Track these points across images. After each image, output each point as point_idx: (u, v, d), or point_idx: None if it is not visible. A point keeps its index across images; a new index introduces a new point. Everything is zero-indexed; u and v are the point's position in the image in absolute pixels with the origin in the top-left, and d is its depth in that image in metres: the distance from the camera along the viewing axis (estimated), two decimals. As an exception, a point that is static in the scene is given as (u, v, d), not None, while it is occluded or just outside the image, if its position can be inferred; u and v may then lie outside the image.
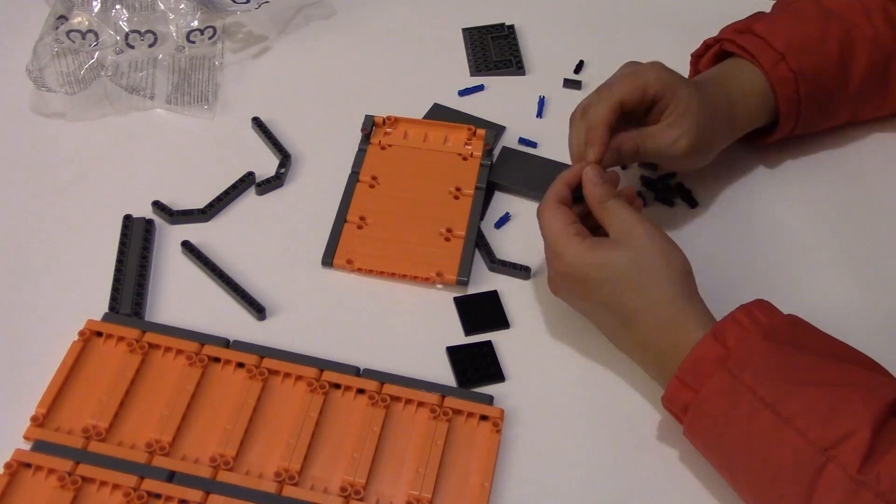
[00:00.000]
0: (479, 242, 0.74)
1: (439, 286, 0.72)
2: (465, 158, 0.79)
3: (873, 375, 0.56)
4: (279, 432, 0.63)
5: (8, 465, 0.60)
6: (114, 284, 0.70)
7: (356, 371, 0.66)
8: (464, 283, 0.71)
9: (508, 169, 0.80)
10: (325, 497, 0.60)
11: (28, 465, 0.60)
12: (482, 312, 0.71)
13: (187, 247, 0.73)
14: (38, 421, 0.62)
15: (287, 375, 0.66)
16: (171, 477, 0.60)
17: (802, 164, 0.82)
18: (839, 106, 0.79)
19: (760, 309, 0.60)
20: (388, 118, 0.80)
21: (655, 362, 0.63)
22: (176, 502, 0.59)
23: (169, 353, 0.66)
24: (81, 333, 0.66)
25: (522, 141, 0.83)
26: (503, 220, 0.77)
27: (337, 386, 0.65)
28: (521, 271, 0.73)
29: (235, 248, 0.74)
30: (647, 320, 0.62)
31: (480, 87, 0.87)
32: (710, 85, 0.74)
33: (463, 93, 0.86)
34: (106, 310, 0.69)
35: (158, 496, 0.59)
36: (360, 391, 0.65)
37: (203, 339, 0.67)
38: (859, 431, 0.52)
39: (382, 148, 0.79)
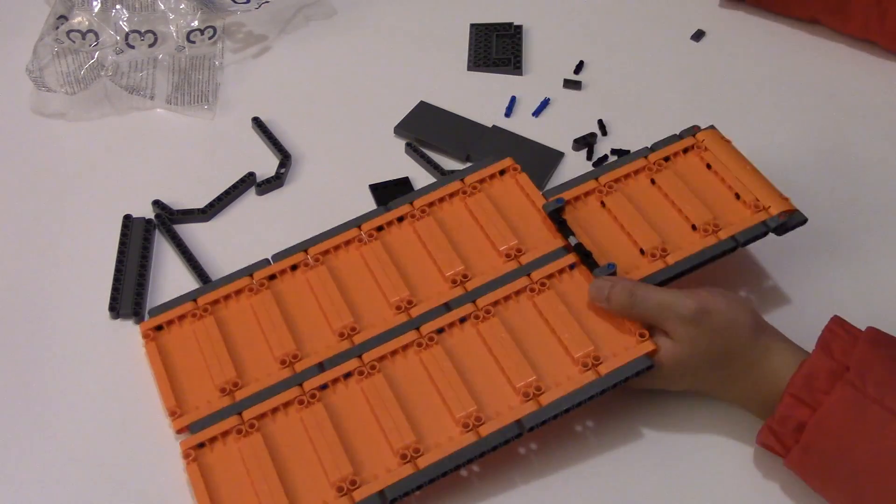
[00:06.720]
0: None
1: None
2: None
3: None
4: (369, 285, 0.67)
5: (186, 455, 0.60)
6: (114, 284, 0.70)
7: (383, 210, 0.70)
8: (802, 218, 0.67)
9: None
10: (445, 295, 0.65)
11: (202, 445, 0.60)
12: None
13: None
14: (177, 413, 0.62)
15: (337, 248, 0.69)
16: (321, 368, 0.63)
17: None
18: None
19: (844, 322, 0.59)
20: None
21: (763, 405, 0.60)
22: (341, 380, 0.62)
23: (231, 300, 0.67)
24: (145, 336, 0.66)
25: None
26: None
27: (380, 228, 0.69)
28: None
29: (235, 248, 0.74)
30: (738, 384, 0.60)
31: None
32: None
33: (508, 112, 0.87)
34: (106, 309, 0.69)
35: (325, 386, 0.62)
36: (400, 219, 0.70)
37: (247, 271, 0.68)
38: None
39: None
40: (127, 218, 0.74)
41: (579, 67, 0.90)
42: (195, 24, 0.88)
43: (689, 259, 0.65)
